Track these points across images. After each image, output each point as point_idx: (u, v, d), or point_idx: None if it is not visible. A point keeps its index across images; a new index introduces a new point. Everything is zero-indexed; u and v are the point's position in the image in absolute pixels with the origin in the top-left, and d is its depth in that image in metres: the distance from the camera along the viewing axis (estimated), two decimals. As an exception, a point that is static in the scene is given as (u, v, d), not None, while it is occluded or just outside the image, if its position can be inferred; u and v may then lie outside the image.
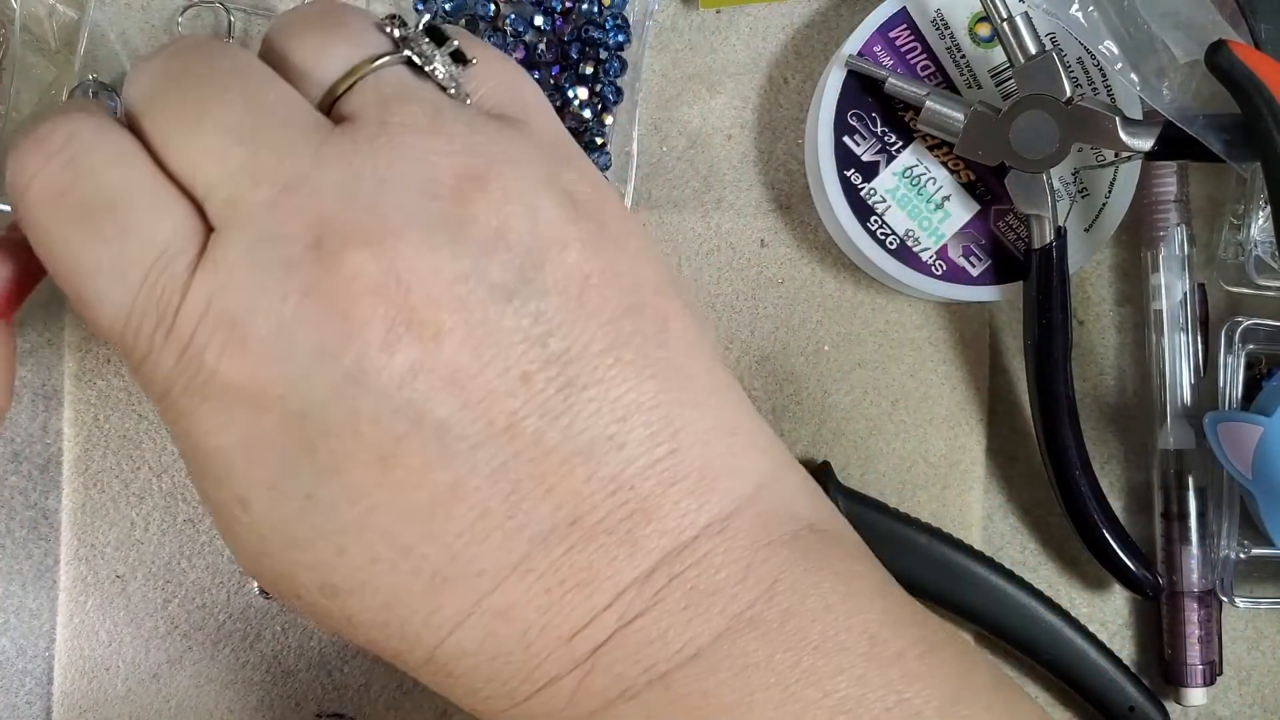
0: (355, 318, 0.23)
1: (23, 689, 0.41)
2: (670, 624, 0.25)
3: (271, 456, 0.24)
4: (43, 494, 0.41)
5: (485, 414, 0.24)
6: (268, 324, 0.23)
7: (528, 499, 0.24)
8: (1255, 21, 0.38)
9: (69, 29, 0.41)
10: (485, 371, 0.24)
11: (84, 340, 0.41)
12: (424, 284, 0.24)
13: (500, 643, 0.25)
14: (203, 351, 0.24)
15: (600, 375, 0.25)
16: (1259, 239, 0.42)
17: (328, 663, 0.42)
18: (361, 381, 0.23)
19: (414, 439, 0.24)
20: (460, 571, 0.25)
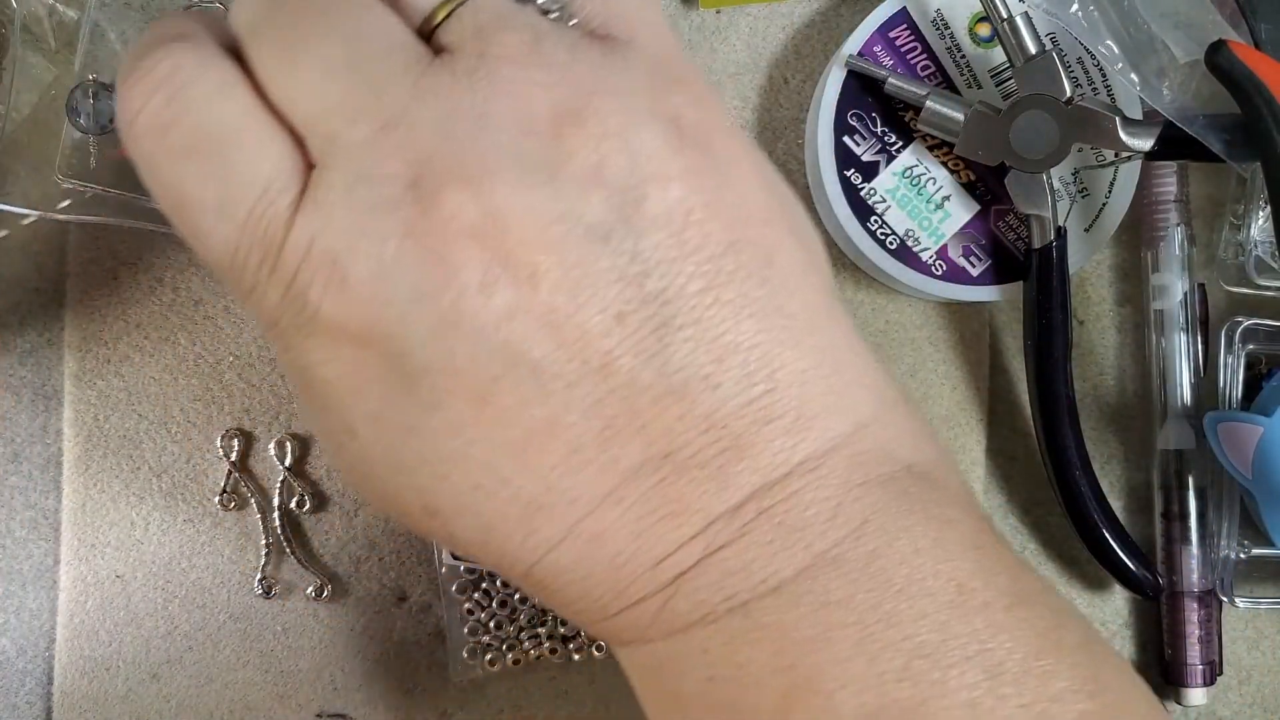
0: (452, 260, 0.23)
1: (23, 689, 0.41)
2: (755, 556, 0.25)
3: (374, 391, 0.25)
4: (43, 494, 0.42)
5: (580, 354, 0.24)
6: (367, 266, 0.24)
7: (621, 435, 0.25)
8: (1255, 21, 0.38)
9: (69, 29, 0.41)
10: (580, 312, 0.24)
11: (84, 340, 0.41)
12: (520, 225, 0.24)
13: (591, 565, 0.26)
14: (306, 290, 0.24)
15: (698, 315, 0.25)
16: (1259, 239, 0.42)
17: (328, 663, 0.42)
18: (458, 323, 0.24)
19: (510, 378, 0.24)
20: (554, 500, 0.25)
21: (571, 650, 0.42)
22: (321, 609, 0.42)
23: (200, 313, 0.42)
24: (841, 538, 0.25)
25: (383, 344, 0.24)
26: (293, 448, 0.42)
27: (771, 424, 0.25)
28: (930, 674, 0.25)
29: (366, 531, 0.42)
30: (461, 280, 0.23)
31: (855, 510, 0.26)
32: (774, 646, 0.25)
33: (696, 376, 0.25)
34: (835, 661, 0.25)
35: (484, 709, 0.42)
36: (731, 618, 0.26)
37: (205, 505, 0.42)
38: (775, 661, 0.25)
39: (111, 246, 0.42)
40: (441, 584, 0.42)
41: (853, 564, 0.25)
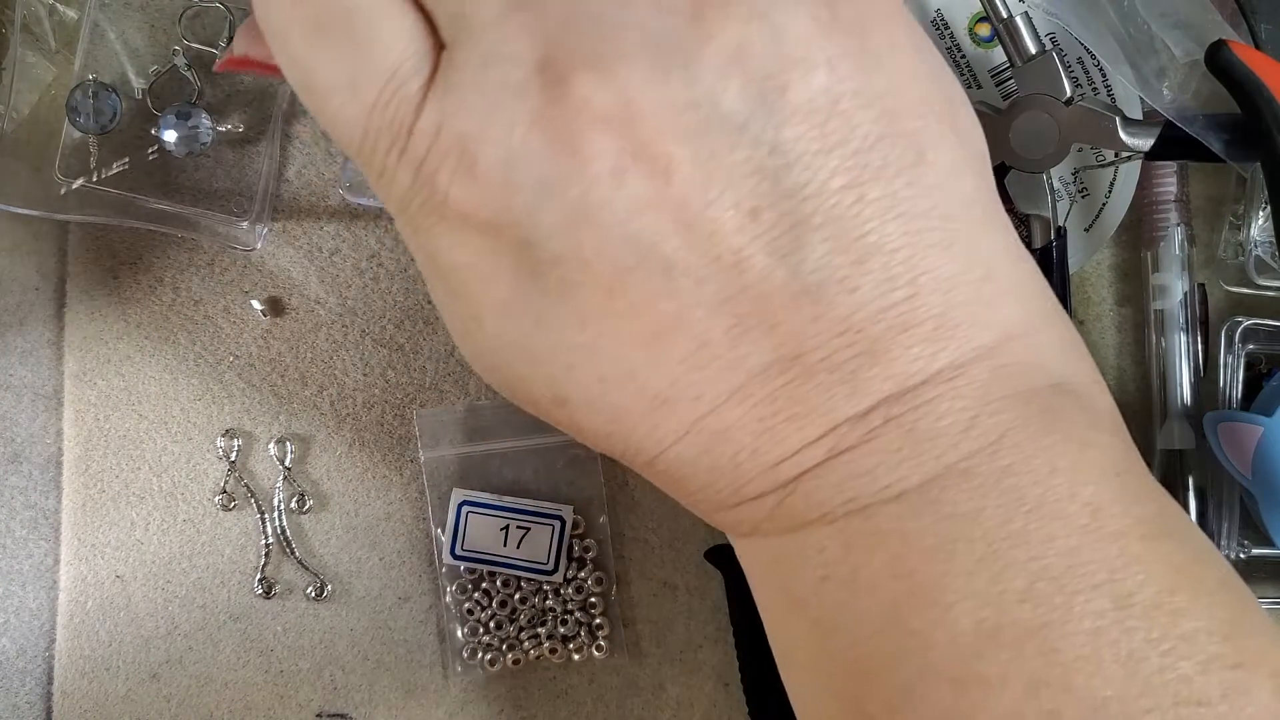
0: (582, 150, 0.23)
1: (23, 689, 0.41)
2: (879, 462, 0.25)
3: (503, 279, 0.24)
4: (43, 494, 0.42)
5: (711, 250, 0.23)
6: (496, 153, 0.23)
7: (750, 333, 0.24)
8: (1255, 21, 0.38)
9: (69, 29, 0.41)
10: (713, 207, 0.23)
11: (84, 340, 0.41)
12: (653, 113, 0.23)
13: (714, 459, 0.25)
14: (435, 175, 0.24)
15: (838, 213, 0.23)
16: (1259, 239, 0.42)
17: (328, 663, 0.42)
18: (588, 215, 0.23)
19: (639, 272, 0.23)
20: (680, 395, 0.25)
21: (571, 650, 0.42)
22: (321, 609, 0.42)
23: (200, 313, 0.42)
24: (974, 450, 0.24)
25: (511, 232, 0.23)
26: (293, 448, 0.42)
27: (910, 331, 0.24)
28: (1054, 598, 0.23)
29: (367, 531, 0.42)
30: (591, 171, 0.23)
31: (992, 424, 0.25)
32: (892, 553, 0.25)
33: (833, 279, 0.24)
34: (956, 574, 0.24)
35: (484, 709, 0.42)
36: (850, 520, 0.25)
37: (205, 505, 0.42)
38: (892, 568, 0.25)
39: (111, 246, 0.42)
40: (441, 584, 0.42)
41: (984, 478, 0.24)
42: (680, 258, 0.23)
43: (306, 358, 0.42)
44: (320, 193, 0.42)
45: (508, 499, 0.42)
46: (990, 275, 0.25)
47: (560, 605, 0.42)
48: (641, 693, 0.42)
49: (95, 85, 0.40)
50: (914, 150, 0.24)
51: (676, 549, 0.42)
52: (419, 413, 0.42)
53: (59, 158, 0.41)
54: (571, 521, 0.42)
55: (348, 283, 0.42)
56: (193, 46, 0.41)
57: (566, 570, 0.42)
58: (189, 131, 0.40)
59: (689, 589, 0.42)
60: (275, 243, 0.42)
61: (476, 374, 0.42)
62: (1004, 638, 0.24)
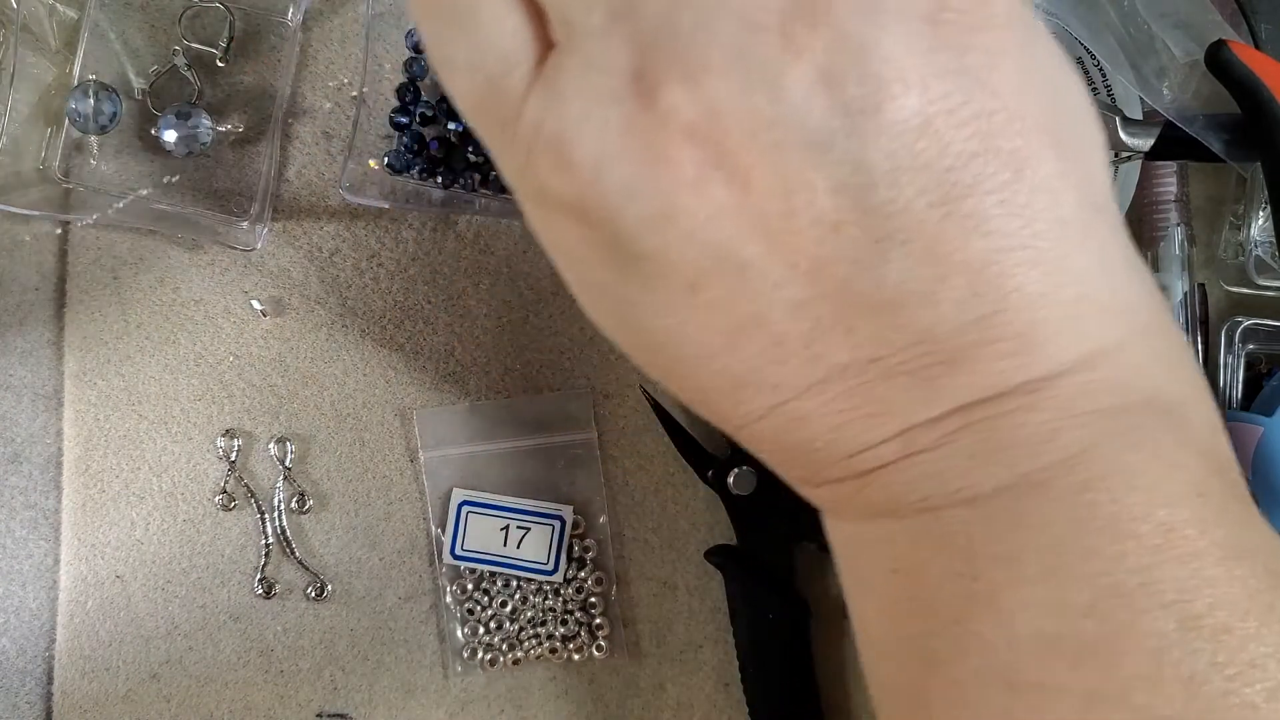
0: (668, 157, 0.24)
1: (23, 688, 0.41)
2: (950, 467, 0.25)
3: (597, 263, 0.26)
4: (43, 494, 0.42)
5: (790, 258, 0.24)
6: (589, 153, 0.24)
7: (827, 335, 0.25)
8: (1255, 21, 0.38)
9: (69, 29, 0.41)
10: (794, 219, 0.24)
11: (84, 340, 0.41)
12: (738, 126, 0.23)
13: (792, 442, 0.27)
14: (537, 163, 0.25)
15: (924, 230, 0.23)
16: (1259, 239, 0.42)
17: (328, 663, 0.42)
18: (670, 218, 0.24)
19: (718, 273, 0.24)
20: (758, 382, 0.26)
21: (571, 650, 0.42)
22: (321, 609, 0.42)
23: (200, 312, 0.42)
24: (1052, 463, 0.25)
25: (602, 227, 0.25)
26: (293, 447, 0.42)
27: (994, 345, 0.24)
28: (1118, 614, 0.24)
29: (366, 531, 0.42)
30: (675, 177, 0.24)
31: (1074, 438, 0.25)
32: (958, 555, 0.25)
33: (915, 292, 0.24)
34: (1019, 583, 0.24)
35: (484, 709, 0.42)
36: (920, 519, 0.26)
37: (205, 505, 0.42)
38: (957, 568, 0.25)
39: (111, 246, 0.42)
40: (441, 584, 0.42)
41: (1059, 492, 0.25)
42: (758, 263, 0.24)
43: (307, 358, 0.42)
44: (320, 193, 0.42)
45: (508, 499, 0.42)
46: (1086, 290, 0.25)
47: (560, 605, 0.42)
48: (641, 693, 0.42)
49: (95, 85, 0.40)
50: (1010, 169, 0.24)
51: (676, 549, 0.42)
52: (419, 413, 0.42)
53: (59, 158, 0.41)
54: (571, 521, 0.42)
55: (348, 283, 0.42)
56: (193, 47, 0.41)
57: (566, 570, 0.42)
58: (189, 131, 0.40)
59: (689, 589, 0.42)
60: (275, 243, 0.42)
61: (478, 375, 0.42)
62: (1064, 649, 0.24)
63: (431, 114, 0.41)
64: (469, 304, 0.42)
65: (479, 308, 0.42)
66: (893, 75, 0.23)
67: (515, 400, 0.42)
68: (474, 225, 0.42)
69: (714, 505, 0.42)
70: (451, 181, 0.41)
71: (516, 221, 0.42)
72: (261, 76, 0.41)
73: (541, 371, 0.42)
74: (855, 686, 0.42)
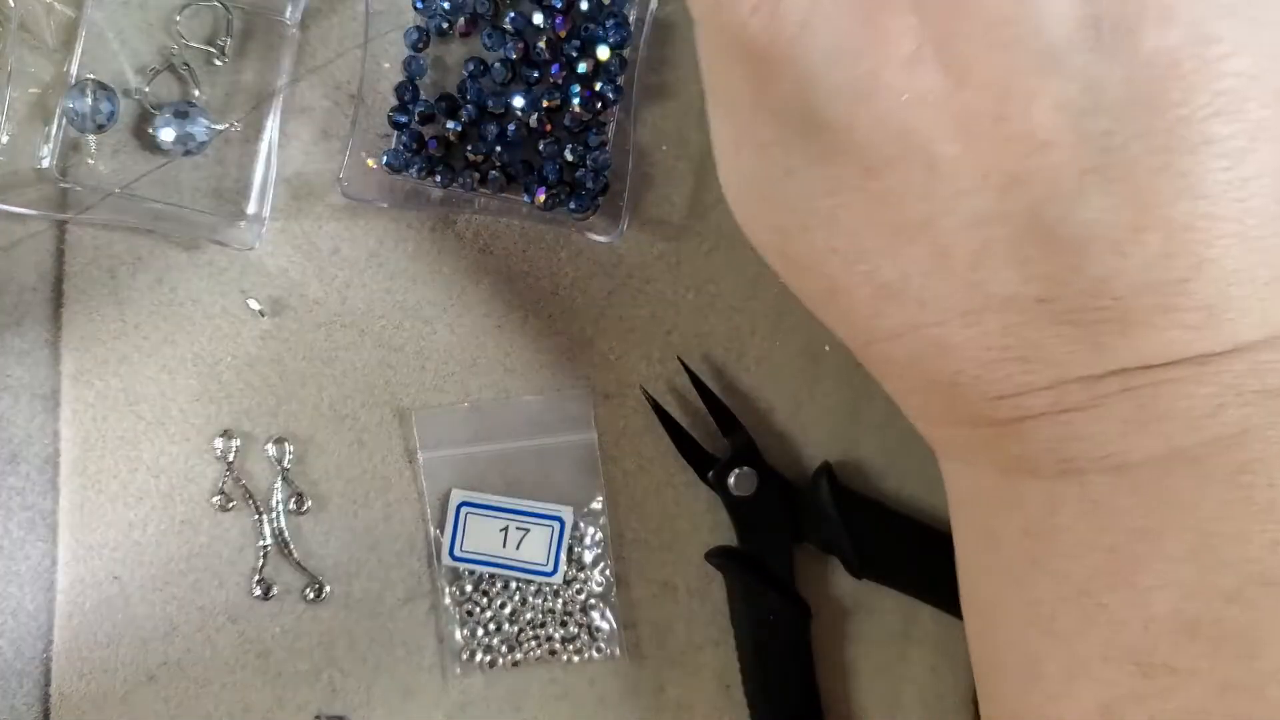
0: (885, 26, 0.22)
1: (20, 690, 0.41)
2: (1102, 430, 0.24)
3: (770, 122, 0.24)
4: (40, 495, 0.41)
5: (984, 166, 0.22)
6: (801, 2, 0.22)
7: (996, 260, 0.23)
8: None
9: (67, 28, 0.41)
10: (1002, 125, 0.22)
11: (81, 340, 0.41)
12: (972, 12, 0.21)
13: (929, 371, 0.25)
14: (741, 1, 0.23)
15: (1134, 174, 0.22)
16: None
17: (326, 664, 0.42)
18: (870, 93, 0.22)
19: (903, 163, 0.23)
20: (907, 294, 0.24)
21: (571, 652, 0.42)
22: (319, 610, 0.42)
23: (198, 312, 0.41)
24: (1210, 439, 0.23)
25: (792, 86, 0.23)
26: (291, 448, 0.42)
27: (1174, 314, 0.23)
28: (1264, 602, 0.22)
29: (365, 532, 0.42)
30: (886, 50, 0.22)
31: (1237, 416, 0.23)
32: (1099, 524, 0.24)
33: (1105, 237, 0.22)
34: (1162, 560, 0.23)
35: (483, 711, 0.42)
36: (1061, 481, 0.24)
37: (203, 506, 0.42)
38: (1095, 539, 0.24)
39: (109, 246, 0.41)
40: (441, 585, 0.42)
41: (1215, 470, 0.23)
42: (948, 163, 0.22)
43: (305, 358, 0.42)
44: (319, 192, 0.42)
45: (507, 500, 0.42)
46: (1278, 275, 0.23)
47: (560, 607, 0.42)
48: (642, 695, 0.42)
49: (93, 84, 0.40)
50: (1247, 136, 0.22)
51: (676, 550, 0.42)
52: (419, 413, 0.42)
53: (56, 157, 0.41)
54: (571, 522, 0.42)
55: (347, 282, 0.42)
56: (190, 45, 0.41)
57: (566, 572, 0.42)
58: (187, 131, 0.40)
59: (689, 590, 0.42)
60: (274, 242, 0.42)
61: (478, 375, 0.42)
62: (1202, 633, 0.23)
63: (430, 113, 0.41)
64: (469, 304, 0.42)
65: (479, 308, 0.42)
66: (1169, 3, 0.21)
67: (515, 400, 0.42)
68: (473, 224, 0.42)
69: (714, 506, 0.42)
70: (450, 181, 0.40)
71: (516, 221, 0.41)
72: (259, 75, 0.41)
73: (541, 371, 0.42)
74: (855, 687, 0.42)
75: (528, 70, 0.40)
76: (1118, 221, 0.22)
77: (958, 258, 0.23)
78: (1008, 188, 0.22)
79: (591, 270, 0.42)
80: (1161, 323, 0.23)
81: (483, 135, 0.40)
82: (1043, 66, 0.21)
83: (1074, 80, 0.21)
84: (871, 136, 0.23)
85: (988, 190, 0.22)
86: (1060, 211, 0.22)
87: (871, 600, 0.42)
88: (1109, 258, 0.22)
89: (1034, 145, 0.22)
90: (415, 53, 0.41)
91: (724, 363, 0.42)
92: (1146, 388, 0.23)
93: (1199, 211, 0.22)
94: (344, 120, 0.41)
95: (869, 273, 0.24)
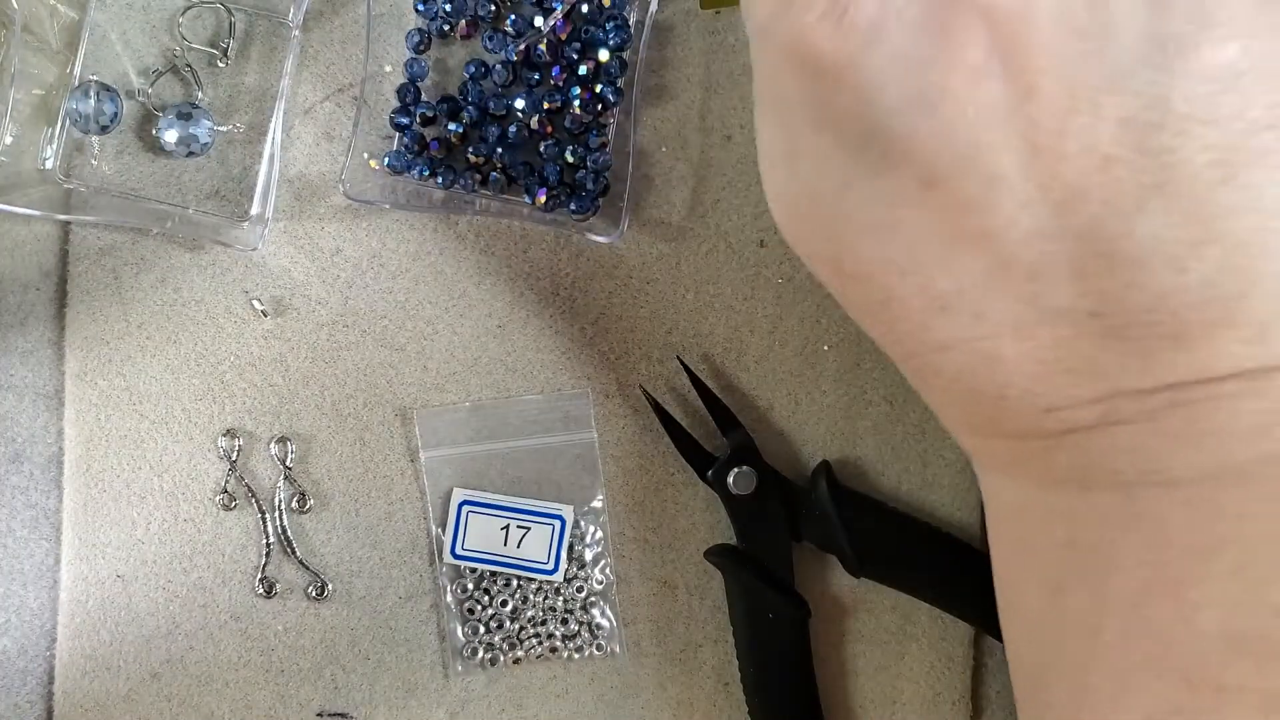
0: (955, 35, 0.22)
1: (24, 688, 0.42)
2: (1153, 444, 0.23)
3: (829, 132, 0.24)
4: (44, 493, 0.42)
5: (1046, 179, 0.22)
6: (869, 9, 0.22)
7: (1054, 273, 0.23)
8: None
9: (70, 29, 0.41)
10: (1066, 140, 0.22)
11: (85, 340, 0.41)
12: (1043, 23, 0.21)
13: (977, 383, 0.24)
14: (806, 9, 0.23)
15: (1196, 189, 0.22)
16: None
17: (328, 662, 0.42)
18: (936, 102, 0.22)
19: (964, 174, 0.22)
20: (961, 306, 0.24)
21: (572, 650, 0.42)
22: (322, 608, 0.42)
23: (201, 312, 0.42)
24: (1264, 456, 0.23)
25: (854, 94, 0.23)
26: (293, 447, 0.42)
27: (1229, 329, 0.23)
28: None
29: (367, 531, 0.42)
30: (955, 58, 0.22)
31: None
32: (1147, 538, 0.24)
33: (1164, 252, 0.22)
34: (1210, 577, 0.23)
35: (484, 708, 0.42)
36: (1109, 494, 0.24)
37: (206, 505, 0.42)
38: (1143, 554, 0.24)
39: (112, 246, 0.42)
40: (442, 583, 0.42)
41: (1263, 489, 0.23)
42: (1011, 175, 0.22)
43: (307, 357, 0.42)
44: (321, 193, 0.42)
45: (508, 499, 0.42)
46: None
47: (561, 605, 0.42)
48: (642, 693, 0.42)
49: (96, 86, 0.40)
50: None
51: (676, 549, 0.42)
52: (419, 412, 0.42)
53: (60, 158, 0.41)
54: (572, 520, 0.42)
55: (349, 282, 0.42)
56: (193, 47, 0.41)
57: (567, 570, 0.42)
58: (189, 132, 0.40)
59: (689, 589, 0.42)
60: (276, 243, 0.42)
61: (478, 375, 0.42)
62: (1251, 649, 0.23)
63: (432, 114, 0.41)
64: (469, 304, 0.42)
65: (479, 308, 0.42)
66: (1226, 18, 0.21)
67: (515, 400, 0.42)
68: (475, 225, 0.42)
69: (714, 505, 0.42)
70: (452, 182, 0.41)
71: (517, 222, 0.42)
72: (262, 77, 0.41)
73: (542, 371, 0.42)
74: (854, 685, 0.42)
75: (528, 72, 0.40)
76: (1178, 237, 0.22)
77: (1015, 271, 0.23)
78: (1069, 202, 0.22)
79: (592, 271, 0.42)
80: (1216, 337, 0.23)
81: (484, 137, 0.40)
82: (1110, 82, 0.22)
83: (1139, 96, 0.22)
84: (934, 148, 0.22)
85: (1047, 204, 0.22)
86: (1121, 227, 0.22)
87: (870, 599, 0.42)
88: (1167, 273, 0.22)
89: (1096, 160, 0.22)
90: (417, 55, 0.41)
91: (723, 363, 0.42)
92: (1198, 403, 0.23)
93: (1259, 225, 0.22)
94: (346, 122, 0.42)
95: (923, 284, 0.24)
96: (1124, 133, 0.22)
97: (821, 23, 0.23)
